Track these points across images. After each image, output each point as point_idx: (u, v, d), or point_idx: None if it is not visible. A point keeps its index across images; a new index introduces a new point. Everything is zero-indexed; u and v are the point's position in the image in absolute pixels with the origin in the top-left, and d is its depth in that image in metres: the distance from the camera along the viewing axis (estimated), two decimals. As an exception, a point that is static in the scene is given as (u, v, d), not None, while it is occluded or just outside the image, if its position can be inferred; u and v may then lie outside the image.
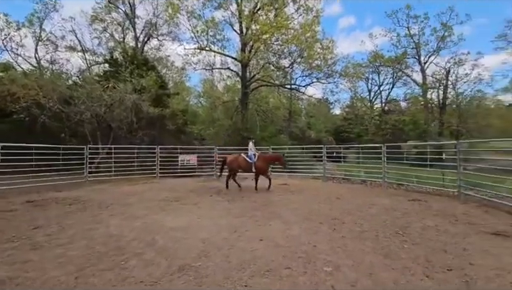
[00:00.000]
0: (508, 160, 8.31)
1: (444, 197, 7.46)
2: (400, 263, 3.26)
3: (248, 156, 8.72)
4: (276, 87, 20.40)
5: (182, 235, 4.35)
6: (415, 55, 27.53)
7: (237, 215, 5.67)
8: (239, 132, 17.50)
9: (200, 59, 18.79)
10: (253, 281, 2.90)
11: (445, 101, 26.65)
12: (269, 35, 15.23)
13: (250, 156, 8.66)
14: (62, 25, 17.99)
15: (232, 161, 8.87)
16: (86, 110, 12.11)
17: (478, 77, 25.37)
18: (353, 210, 5.94)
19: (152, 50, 22.11)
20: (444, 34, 25.72)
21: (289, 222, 5.08)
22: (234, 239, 4.17)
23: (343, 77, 19.70)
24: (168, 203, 6.85)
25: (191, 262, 3.35)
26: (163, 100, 15.08)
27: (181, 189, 9.12)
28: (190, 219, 5.28)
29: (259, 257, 3.47)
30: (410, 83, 28.91)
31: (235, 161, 8.84)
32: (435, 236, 4.23)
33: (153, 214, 5.75)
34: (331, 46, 17.68)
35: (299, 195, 7.82)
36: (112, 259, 3.47)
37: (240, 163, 8.76)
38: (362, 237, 4.21)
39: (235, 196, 7.80)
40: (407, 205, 6.42)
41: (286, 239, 4.10)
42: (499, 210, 5.74)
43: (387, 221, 5.08)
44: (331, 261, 3.31)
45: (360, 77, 26.12)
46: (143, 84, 13.34)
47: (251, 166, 8.55)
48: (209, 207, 6.46)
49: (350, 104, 32.38)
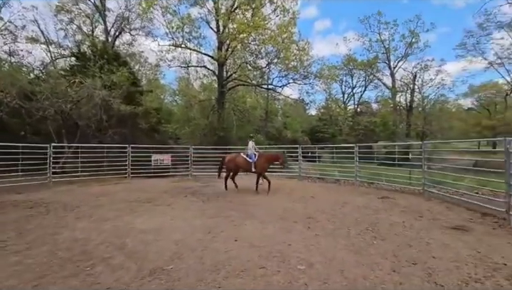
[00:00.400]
0: (466, 159, 8.96)
1: (410, 194, 7.89)
2: (370, 259, 3.39)
3: (248, 155, 8.43)
4: (253, 86, 20.43)
5: (154, 237, 4.20)
6: (385, 60, 28.99)
7: (212, 215, 5.58)
8: (215, 132, 17.28)
9: (175, 56, 18.31)
10: (227, 281, 2.87)
11: (412, 104, 28.31)
12: (246, 34, 15.18)
13: (250, 155, 8.38)
14: (22, 14, 16.60)
15: (230, 161, 8.59)
16: (50, 106, 11.29)
17: (441, 82, 27.32)
18: (326, 209, 6.09)
19: (124, 45, 21.19)
20: (412, 41, 27.32)
21: (265, 221, 5.09)
22: (208, 240, 4.10)
23: (318, 78, 20.16)
24: (140, 204, 6.58)
25: (163, 265, 3.24)
26: (135, 97, 14.47)
27: (154, 190, 8.82)
28: (163, 221, 5.11)
29: (234, 258, 3.43)
30: (381, 86, 30.47)
31: (233, 161, 8.56)
32: (402, 231, 4.45)
33: (124, 216, 5.49)
34: (307, 48, 18.03)
35: (275, 195, 7.88)
36: (77, 264, 3.26)
37: (239, 163, 8.48)
38: (334, 235, 4.32)
39: (211, 196, 7.69)
40: (377, 203, 6.70)
41: (261, 239, 4.10)
42: (459, 206, 6.17)
43: (359, 218, 5.26)
44: (305, 259, 3.36)
45: (334, 79, 26.95)
46: (113, 80, 12.69)
47: (251, 166, 8.27)
48: (183, 208, 6.30)
49: (325, 105, 33.29)
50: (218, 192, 8.36)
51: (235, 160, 8.54)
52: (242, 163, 8.45)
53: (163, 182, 10.74)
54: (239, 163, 8.50)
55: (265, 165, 8.42)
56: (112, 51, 15.81)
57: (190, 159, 12.52)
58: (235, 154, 8.93)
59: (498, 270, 3.05)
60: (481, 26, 20.17)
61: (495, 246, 3.80)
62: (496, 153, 20.51)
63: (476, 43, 21.19)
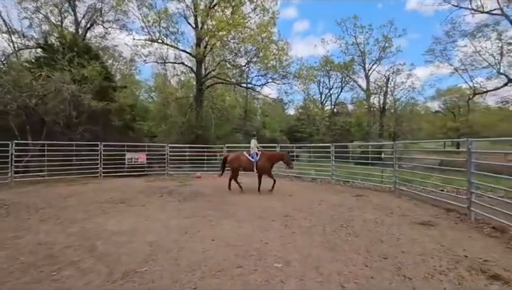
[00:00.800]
0: (433, 159, 9.51)
1: (382, 192, 8.24)
2: (344, 255, 3.49)
3: (250, 154, 8.18)
4: (232, 85, 20.30)
5: (127, 239, 4.03)
6: (361, 63, 30.05)
7: (189, 215, 5.47)
8: (193, 130, 16.97)
9: (151, 51, 17.72)
10: (203, 282, 2.82)
11: (385, 106, 29.60)
12: (226, 32, 15.03)
13: (252, 155, 8.13)
14: (-20, 0, 15.27)
15: (234, 160, 8.26)
16: (12, 101, 10.46)
17: (411, 86, 28.81)
18: (303, 207, 6.19)
19: (96, 38, 20.09)
20: (385, 45, 28.54)
21: (242, 220, 5.08)
22: (184, 240, 4.01)
23: (296, 78, 20.42)
24: (112, 205, 6.30)
25: (136, 267, 3.12)
26: (108, 93, 13.81)
27: (128, 190, 8.49)
28: (137, 222, 4.93)
29: (211, 258, 3.39)
30: (356, 88, 31.57)
31: (236, 160, 8.24)
32: (374, 228, 4.63)
33: (94, 217, 5.23)
34: (286, 48, 18.21)
35: (253, 194, 7.89)
36: (41, 269, 3.06)
37: (242, 162, 8.19)
38: (311, 232, 4.40)
39: (187, 196, 7.53)
40: (351, 201, 6.93)
41: (239, 238, 4.08)
42: (426, 203, 6.54)
43: (334, 216, 5.41)
44: (282, 257, 3.39)
45: (312, 80, 27.52)
46: (84, 74, 12.02)
47: (253, 166, 8.03)
48: (158, 208, 6.11)
49: (303, 105, 33.92)
50: (195, 191, 8.22)
51: (239, 159, 8.23)
52: (244, 162, 8.17)
53: (138, 181, 10.37)
54: (242, 163, 8.20)
55: (267, 164, 8.14)
56: (82, 44, 14.96)
57: (167, 158, 12.21)
58: (238, 153, 8.63)
59: (460, 262, 3.27)
60: (448, 34, 21.49)
61: (457, 239, 4.07)
62: (459, 153, 21.97)
63: (443, 50, 22.55)
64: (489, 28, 19.16)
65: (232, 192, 8.15)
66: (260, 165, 8.02)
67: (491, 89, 20.96)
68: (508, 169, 8.29)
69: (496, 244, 3.95)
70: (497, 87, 20.36)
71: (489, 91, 21.43)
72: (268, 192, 7.93)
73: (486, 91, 21.69)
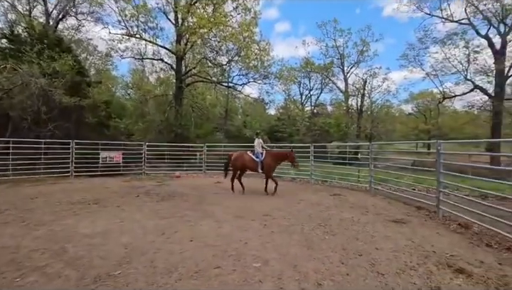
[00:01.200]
0: (406, 159, 9.95)
1: (358, 191, 8.51)
2: (321, 253, 3.56)
3: (255, 153, 7.89)
4: (213, 83, 20.07)
5: (100, 242, 3.86)
6: (340, 65, 30.86)
7: (167, 215, 5.34)
8: (172, 128, 16.59)
9: (128, 46, 17.08)
10: (180, 284, 2.76)
11: (362, 107, 30.60)
12: (207, 29, 14.83)
13: (257, 154, 7.83)
14: None
15: (237, 159, 7.96)
16: (-27, 94, 9.72)
17: (387, 89, 30.01)
18: (282, 206, 6.24)
19: (69, 30, 19.07)
20: (363, 49, 29.48)
21: (221, 220, 5.03)
22: (161, 241, 3.91)
23: (277, 79, 20.59)
24: (85, 206, 6.01)
25: (110, 271, 3.00)
26: (81, 89, 13.16)
27: (101, 190, 8.14)
28: (111, 223, 4.74)
29: (188, 259, 3.32)
30: (335, 90, 32.40)
31: (240, 159, 7.93)
32: (350, 226, 4.77)
33: (64, 219, 4.96)
34: (268, 48, 18.28)
35: (232, 193, 7.84)
36: (3, 275, 2.86)
37: (246, 162, 7.89)
38: (289, 231, 4.44)
39: (165, 196, 7.35)
40: (329, 200, 7.09)
41: (217, 238, 4.04)
42: (399, 201, 6.83)
43: (312, 215, 5.50)
44: (260, 257, 3.39)
45: (293, 81, 27.87)
46: (55, 68, 11.38)
47: (257, 166, 7.70)
48: (135, 209, 5.91)
49: (284, 106, 34.28)
50: (174, 191, 8.04)
51: (243, 159, 7.94)
52: (248, 162, 7.88)
53: (113, 181, 9.98)
54: (246, 162, 7.91)
55: (272, 164, 7.83)
56: (53, 35, 14.14)
57: (144, 157, 11.85)
58: (241, 152, 8.33)
59: (429, 257, 3.44)
60: (421, 40, 22.58)
61: (427, 236, 4.28)
62: (429, 154, 23.21)
63: (416, 55, 23.63)
64: (458, 37, 20.37)
65: (211, 191, 8.06)
66: (266, 165, 7.72)
67: (459, 94, 22.31)
68: (472, 169, 8.89)
69: (461, 239, 4.20)
70: (464, 92, 21.70)
71: (457, 96, 22.78)
72: (247, 193, 7.91)
73: (454, 96, 23.04)
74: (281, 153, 8.20)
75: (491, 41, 18.68)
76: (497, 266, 3.24)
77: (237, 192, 7.90)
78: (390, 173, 9.36)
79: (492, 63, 18.68)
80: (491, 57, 18.98)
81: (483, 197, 6.62)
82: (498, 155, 16.55)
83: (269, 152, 7.98)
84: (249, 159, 7.90)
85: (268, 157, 7.80)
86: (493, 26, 18.52)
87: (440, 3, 20.36)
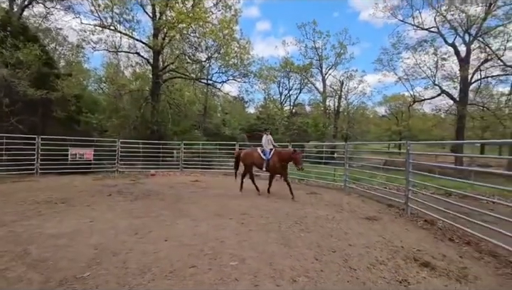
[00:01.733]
0: (379, 159, 10.38)
1: (334, 190, 8.76)
2: (297, 250, 3.61)
3: (263, 151, 7.52)
4: (191, 80, 19.65)
5: (67, 243, 3.66)
6: (318, 66, 31.48)
7: (141, 215, 5.17)
8: (148, 125, 16.07)
9: (102, 38, 16.19)
10: (153, 284, 2.69)
11: (339, 108, 31.49)
12: (186, 25, 14.47)
13: (265, 152, 7.45)
14: None
15: (247, 156, 7.69)
16: None
17: (362, 91, 31.06)
18: (260, 205, 6.27)
19: (36, 18, 17.77)
20: (340, 51, 30.28)
21: (198, 219, 4.96)
22: (134, 241, 3.78)
23: (257, 78, 20.59)
24: (51, 205, 5.67)
25: (77, 273, 2.85)
26: (49, 81, 12.36)
27: (70, 188, 7.73)
28: (80, 224, 4.50)
29: (163, 258, 3.24)
30: (314, 90, 33.02)
31: (249, 156, 7.64)
32: (325, 224, 4.89)
33: (27, 219, 4.64)
34: (248, 47, 18.18)
35: (210, 191, 7.77)
36: (-45, 282, 2.61)
37: (254, 159, 7.57)
38: (266, 229, 4.47)
39: (140, 194, 7.12)
40: (305, 198, 7.23)
41: (194, 238, 3.98)
42: (372, 199, 7.12)
43: (289, 213, 5.58)
44: (237, 255, 3.38)
45: (272, 80, 28.03)
46: (19, 57, 10.60)
47: (264, 163, 7.37)
48: (106, 208, 5.66)
49: (263, 105, 34.36)
50: (149, 189, 7.80)
51: (252, 156, 7.65)
52: (257, 159, 7.57)
53: (83, 179, 9.50)
54: (254, 159, 7.60)
55: (278, 164, 7.30)
56: (17, 23, 13.12)
57: (118, 154, 11.38)
58: (252, 149, 8.02)
59: (398, 252, 3.62)
60: (394, 46, 23.60)
61: (396, 232, 4.50)
62: (400, 154, 24.38)
63: (390, 60, 24.66)
64: (428, 44, 21.53)
65: (189, 190, 7.91)
66: (271, 164, 7.30)
67: (428, 98, 23.61)
68: (438, 169, 9.46)
69: (427, 235, 4.47)
70: (432, 97, 23.01)
71: (426, 99, 24.11)
72: (222, 190, 7.86)
73: (424, 99, 24.36)
74: (288, 152, 7.44)
75: (457, 49, 19.96)
76: (458, 259, 3.47)
77: (242, 192, 7.83)
78: (364, 172, 9.73)
79: (457, 70, 19.99)
80: (456, 65, 20.29)
81: (447, 195, 7.08)
82: (461, 156, 17.76)
83: (276, 151, 7.52)
84: (257, 156, 7.62)
85: (275, 156, 7.35)
86: (459, 35, 19.79)
87: (412, 11, 21.42)
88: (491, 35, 18.22)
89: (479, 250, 3.79)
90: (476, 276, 3.03)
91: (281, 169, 7.38)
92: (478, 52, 19.23)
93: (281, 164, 7.31)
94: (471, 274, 3.07)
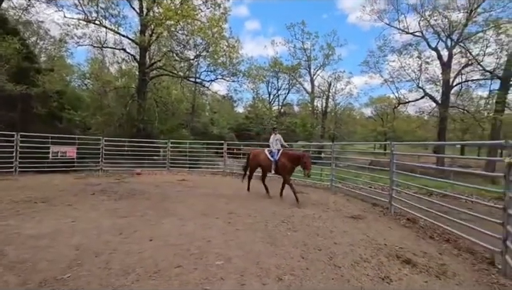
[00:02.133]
0: (364, 159, 10.58)
1: (321, 189, 8.87)
2: (283, 249, 3.64)
3: (271, 152, 7.05)
4: (179, 78, 19.39)
5: (47, 243, 3.54)
6: (307, 67, 31.79)
7: (125, 214, 5.06)
8: (133, 123, 15.73)
9: (86, 33, 15.67)
10: (138, 285, 2.64)
11: (326, 109, 31.93)
12: (174, 22, 14.24)
13: (273, 153, 6.98)
14: None
15: (254, 157, 7.37)
16: None
17: (349, 92, 31.64)
18: (247, 204, 6.27)
19: (16, 10, 17.01)
20: (329, 53, 30.70)
21: (185, 218, 4.91)
22: (118, 241, 3.69)
23: (246, 77, 20.55)
24: (30, 205, 5.46)
25: (57, 275, 2.76)
26: (29, 76, 11.88)
27: (51, 187, 7.47)
28: (61, 224, 4.36)
29: (147, 258, 3.18)
30: (302, 91, 33.35)
31: (256, 157, 7.34)
32: (312, 222, 4.95)
33: (5, 220, 4.45)
34: (237, 46, 18.07)
35: (197, 191, 7.70)
36: None
37: (261, 160, 7.20)
38: (253, 228, 4.48)
39: (124, 193, 6.96)
40: (293, 197, 7.25)
41: (180, 237, 3.93)
42: (357, 199, 7.26)
43: (276, 212, 5.61)
44: (223, 255, 3.37)
45: (261, 80, 28.09)
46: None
47: (271, 165, 6.91)
48: (89, 207, 5.51)
49: (252, 104, 34.37)
50: (134, 189, 7.65)
51: (257, 157, 7.32)
52: (263, 160, 7.15)
53: (65, 178, 9.21)
54: (260, 161, 7.26)
55: (288, 166, 6.70)
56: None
57: (102, 152, 11.09)
58: (260, 149, 7.69)
59: (381, 250, 3.71)
60: (380, 49, 24.16)
61: (380, 230, 4.61)
62: (385, 154, 24.91)
63: (376, 62, 25.20)
64: (412, 47, 22.16)
65: (175, 189, 7.80)
66: (280, 166, 6.76)
67: (412, 100, 24.33)
68: (421, 169, 9.75)
69: (409, 233, 4.60)
70: (416, 99, 23.71)
71: (410, 102, 24.82)
72: (210, 190, 7.81)
73: (408, 101, 25.06)
74: (295, 154, 6.85)
75: (440, 53, 20.63)
76: (438, 256, 3.60)
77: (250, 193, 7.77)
78: (350, 172, 9.90)
79: (440, 74, 20.66)
80: (439, 68, 20.97)
81: (429, 194, 7.31)
82: (442, 156, 18.38)
83: (284, 152, 6.96)
84: (264, 158, 7.19)
85: (283, 157, 6.79)
86: (441, 40, 20.47)
87: (398, 15, 21.99)
88: (471, 41, 18.94)
89: (458, 247, 3.94)
90: (454, 272, 3.14)
91: (290, 172, 6.83)
92: (459, 56, 19.96)
93: (291, 166, 6.76)
94: (449, 270, 3.18)
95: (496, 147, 15.37)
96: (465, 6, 18.72)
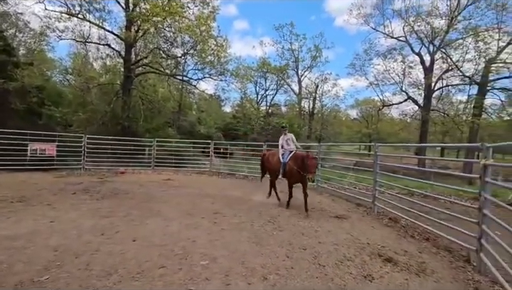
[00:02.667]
0: (349, 160, 10.77)
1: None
2: (269, 248, 3.66)
3: (283, 154, 6.36)
4: (166, 76, 19.08)
5: (23, 244, 3.39)
6: (295, 68, 32.06)
7: (108, 214, 4.93)
8: (118, 121, 15.32)
9: (68, 27, 15.11)
10: (120, 286, 2.58)
11: (313, 110, 32.32)
12: (161, 18, 13.99)
13: (284, 154, 6.32)
14: None
15: (266, 158, 6.92)
16: None
17: (336, 94, 32.15)
18: (234, 204, 6.26)
19: (-7, 1, 16.27)
20: (316, 54, 31.08)
21: (170, 218, 4.84)
22: (99, 242, 3.59)
23: (234, 76, 20.51)
24: (6, 205, 5.23)
25: (34, 276, 2.66)
26: (7, 70, 11.37)
27: (28, 186, 7.17)
28: (39, 224, 4.20)
29: (130, 259, 3.12)
30: (290, 92, 33.56)
31: (267, 159, 6.90)
32: (297, 222, 5.00)
33: (-23, 220, 4.24)
34: (225, 45, 17.96)
35: (183, 190, 7.60)
36: None
37: (270, 163, 6.70)
38: (239, 228, 4.47)
39: (107, 193, 6.78)
40: (283, 199, 7.30)
41: (164, 237, 3.87)
42: (342, 199, 7.39)
43: (262, 212, 5.63)
44: (208, 255, 3.35)
45: (249, 80, 28.07)
46: (-28, 42, 9.65)
47: (280, 168, 6.26)
48: (69, 207, 5.33)
49: (239, 104, 34.25)
50: (117, 188, 7.46)
51: (268, 159, 6.84)
52: (273, 163, 6.57)
53: (44, 177, 8.87)
54: (270, 163, 6.72)
55: (295, 168, 5.84)
56: (-30, 4, 11.95)
57: (84, 150, 10.75)
58: (274, 151, 7.00)
59: (364, 249, 3.79)
60: (366, 52, 24.76)
61: (363, 230, 4.71)
62: (369, 155, 25.43)
63: (362, 65, 25.81)
64: (396, 52, 22.88)
65: (160, 189, 7.68)
66: (288, 169, 6.06)
67: (395, 103, 25.05)
68: (403, 170, 10.04)
69: (391, 232, 4.73)
70: (400, 102, 24.44)
71: (394, 104, 25.56)
72: (196, 189, 7.73)
73: (392, 104, 25.79)
74: (302, 155, 5.88)
75: (422, 58, 21.35)
76: (417, 255, 3.72)
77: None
78: (335, 173, 10.06)
79: (422, 78, 21.37)
80: (421, 73, 21.70)
81: (410, 194, 7.53)
82: (423, 158, 18.99)
83: (294, 154, 6.14)
84: (276, 161, 6.50)
85: (291, 159, 6.05)
86: (424, 45, 21.21)
87: (383, 20, 22.61)
88: (452, 47, 19.73)
89: (437, 246, 4.09)
90: (433, 269, 3.26)
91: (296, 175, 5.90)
92: (440, 62, 20.76)
93: (297, 170, 5.84)
94: (429, 268, 3.29)
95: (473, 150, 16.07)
96: (446, 13, 19.51)
